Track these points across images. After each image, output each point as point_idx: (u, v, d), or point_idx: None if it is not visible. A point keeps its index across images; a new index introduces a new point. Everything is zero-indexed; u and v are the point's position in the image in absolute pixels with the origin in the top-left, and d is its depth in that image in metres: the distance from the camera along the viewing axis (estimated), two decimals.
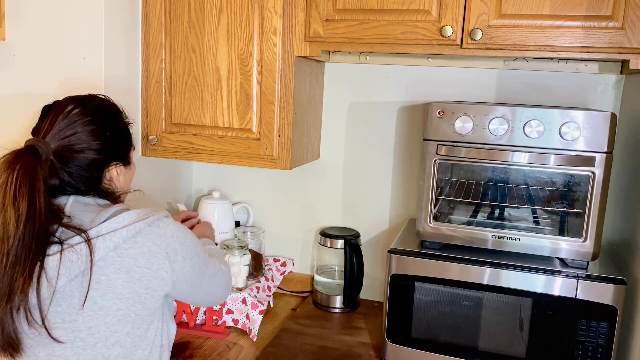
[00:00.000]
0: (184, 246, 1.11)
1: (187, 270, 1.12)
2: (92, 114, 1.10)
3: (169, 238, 1.09)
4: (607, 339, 1.30)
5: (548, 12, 1.34)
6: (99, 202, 1.12)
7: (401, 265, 1.44)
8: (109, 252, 1.01)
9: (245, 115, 1.61)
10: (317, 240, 1.90)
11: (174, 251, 1.09)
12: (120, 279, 1.02)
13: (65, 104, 1.10)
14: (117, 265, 1.02)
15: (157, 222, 1.08)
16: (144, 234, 1.06)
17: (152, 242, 1.06)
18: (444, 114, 1.40)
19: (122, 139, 1.19)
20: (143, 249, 1.05)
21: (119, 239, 1.02)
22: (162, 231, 1.08)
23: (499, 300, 1.37)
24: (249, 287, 1.73)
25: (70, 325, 1.01)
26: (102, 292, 1.02)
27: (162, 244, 1.07)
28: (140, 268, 1.04)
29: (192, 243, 1.14)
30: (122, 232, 1.03)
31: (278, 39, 1.54)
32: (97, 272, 1.01)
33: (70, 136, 1.07)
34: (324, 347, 1.56)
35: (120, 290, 1.03)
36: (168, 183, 1.94)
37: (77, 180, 1.09)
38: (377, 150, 1.87)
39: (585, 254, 1.35)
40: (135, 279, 1.04)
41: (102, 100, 1.17)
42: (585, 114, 1.30)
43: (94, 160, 1.10)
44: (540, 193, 1.45)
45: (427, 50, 1.47)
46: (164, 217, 1.11)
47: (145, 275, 1.05)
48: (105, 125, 1.12)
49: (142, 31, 1.67)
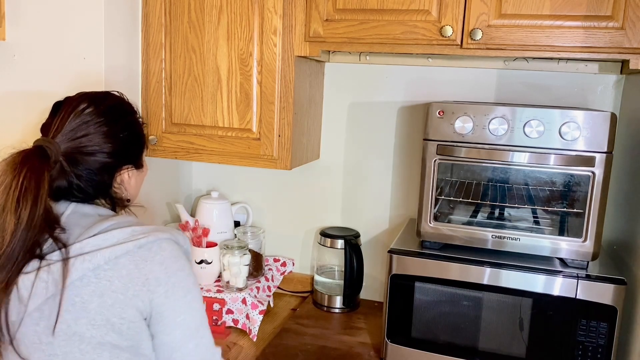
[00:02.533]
0: (172, 280, 0.98)
1: (169, 312, 0.97)
2: (105, 114, 1.04)
3: (156, 264, 0.97)
4: (607, 339, 1.29)
5: (548, 12, 1.34)
6: (100, 213, 1.05)
7: (401, 265, 1.44)
8: (87, 272, 0.94)
9: (245, 115, 1.61)
10: (317, 240, 1.90)
11: (156, 280, 0.96)
12: (93, 303, 0.94)
13: (77, 101, 1.04)
14: (93, 287, 0.94)
15: (149, 245, 0.98)
16: (129, 256, 0.96)
17: (134, 265, 0.96)
18: (444, 114, 1.40)
19: (136, 141, 1.12)
20: (122, 271, 0.95)
21: (100, 259, 0.94)
22: (152, 255, 0.97)
23: (499, 300, 1.37)
24: (249, 287, 1.73)
25: (47, 348, 0.94)
26: (76, 316, 0.94)
27: (145, 269, 0.96)
28: (115, 293, 0.94)
29: (186, 283, 1.00)
30: (104, 252, 0.94)
31: (278, 39, 1.54)
32: (72, 293, 0.93)
33: (81, 137, 1.01)
34: (324, 347, 1.56)
35: (93, 315, 0.94)
36: (167, 183, 1.94)
37: (86, 184, 1.02)
38: (377, 150, 1.87)
39: (585, 254, 1.35)
40: (108, 305, 0.94)
41: (117, 99, 1.11)
42: (585, 114, 1.30)
43: (106, 163, 1.04)
44: (540, 193, 1.45)
45: (427, 50, 1.47)
46: (163, 240, 1.00)
47: (119, 302, 0.94)
48: (118, 127, 1.06)
49: (142, 31, 1.67)
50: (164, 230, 1.02)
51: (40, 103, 1.53)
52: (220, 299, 1.66)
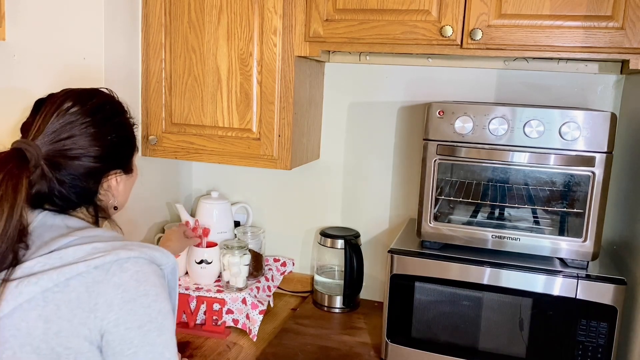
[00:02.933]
0: (128, 306, 0.85)
1: (117, 343, 0.85)
2: (92, 114, 0.94)
3: (110, 287, 0.85)
4: (607, 339, 1.29)
5: (548, 12, 1.34)
6: (69, 224, 0.94)
7: (401, 265, 1.44)
8: (36, 295, 0.83)
9: (245, 115, 1.61)
10: (317, 240, 1.90)
11: (107, 306, 0.84)
12: (38, 329, 0.83)
13: (62, 99, 0.93)
14: (39, 311, 0.83)
15: (107, 266, 0.86)
16: (81, 278, 0.84)
17: (84, 287, 0.84)
18: (444, 114, 1.40)
19: (125, 144, 1.03)
20: (71, 295, 0.84)
21: (48, 281, 0.83)
22: (107, 277, 0.85)
23: (499, 300, 1.36)
24: (249, 287, 1.73)
25: None
26: (21, 343, 0.83)
27: (95, 292, 0.84)
28: (61, 320, 0.83)
29: (147, 311, 0.87)
30: (52, 274, 0.83)
31: (278, 39, 1.54)
32: (19, 317, 0.83)
33: (65, 139, 0.91)
34: (324, 347, 1.56)
35: (38, 343, 0.83)
36: (167, 183, 1.94)
37: (70, 190, 0.93)
38: (377, 150, 1.87)
39: (585, 254, 1.35)
40: (53, 333, 0.83)
41: (105, 98, 1.00)
42: (585, 114, 1.30)
43: (92, 168, 0.94)
44: (540, 193, 1.45)
45: (427, 50, 1.47)
46: (126, 259, 0.87)
47: (64, 330, 0.83)
48: (106, 128, 0.96)
49: (142, 31, 1.66)
50: (133, 249, 0.89)
51: None
52: (220, 299, 1.66)
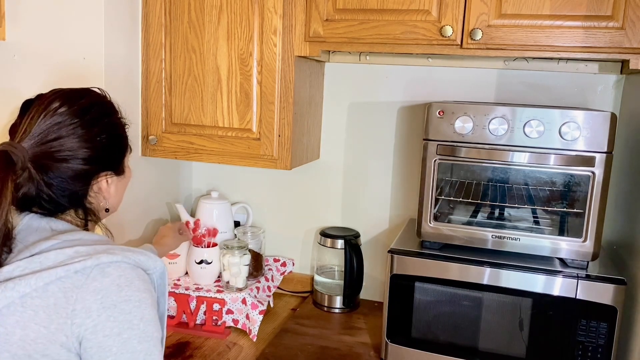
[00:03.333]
0: (107, 312, 0.83)
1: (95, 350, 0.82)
2: (80, 115, 0.92)
3: (90, 293, 0.82)
4: (607, 339, 1.29)
5: (548, 12, 1.34)
6: (54, 227, 0.92)
7: (401, 265, 1.44)
8: (14, 300, 0.82)
9: (245, 115, 1.61)
10: (317, 240, 1.90)
11: (86, 312, 0.82)
12: (15, 335, 0.82)
13: (50, 99, 0.91)
14: (18, 316, 0.82)
15: (87, 270, 0.84)
16: (60, 283, 0.82)
17: (62, 293, 0.82)
18: (444, 114, 1.40)
19: (116, 145, 1.00)
20: (49, 300, 0.82)
21: (26, 286, 0.81)
22: (87, 282, 0.83)
23: (499, 300, 1.36)
24: (249, 287, 1.73)
25: None
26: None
27: (73, 298, 0.82)
28: (38, 326, 0.81)
29: (128, 317, 0.84)
30: (30, 278, 0.81)
31: (278, 39, 1.54)
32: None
33: (52, 141, 0.88)
34: (324, 347, 1.56)
35: (15, 350, 0.82)
36: (167, 183, 1.93)
37: (58, 193, 0.91)
38: (377, 150, 1.87)
39: (585, 254, 1.35)
40: (30, 339, 0.81)
41: (95, 98, 0.98)
42: (585, 114, 1.30)
43: (81, 171, 0.92)
44: (540, 193, 1.45)
45: (427, 50, 1.47)
46: (108, 263, 0.85)
47: (41, 337, 0.81)
48: (96, 129, 0.93)
49: (142, 31, 1.66)
50: (115, 252, 0.87)
51: None
52: (220, 299, 1.66)
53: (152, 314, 0.88)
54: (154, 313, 0.89)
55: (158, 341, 0.89)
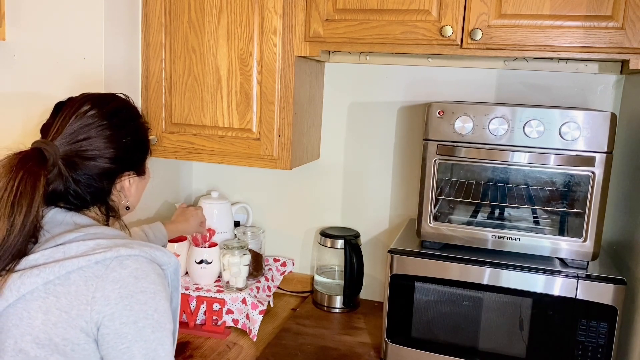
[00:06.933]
0: (125, 302, 0.89)
1: (111, 337, 0.88)
2: (108, 118, 1.00)
3: (109, 283, 0.89)
4: (607, 339, 1.30)
5: (548, 12, 1.34)
6: (77, 221, 0.98)
7: (401, 265, 1.44)
8: (38, 286, 0.88)
9: (245, 115, 1.61)
10: (317, 240, 1.90)
11: (104, 300, 0.88)
12: (38, 320, 0.87)
13: (80, 102, 1.00)
14: (40, 302, 0.88)
15: (107, 261, 0.90)
16: (82, 272, 0.89)
17: (83, 281, 0.88)
18: (444, 114, 1.40)
19: (139, 147, 1.09)
20: (71, 287, 0.88)
21: (49, 274, 0.88)
22: (107, 273, 0.89)
23: (499, 300, 1.37)
24: (249, 287, 1.73)
25: None
26: (22, 332, 0.88)
27: (93, 286, 0.88)
28: (59, 311, 0.87)
29: (143, 308, 0.90)
30: (54, 266, 0.88)
31: (278, 39, 1.54)
32: (22, 307, 0.88)
33: (82, 141, 0.96)
34: (324, 347, 1.56)
35: (37, 333, 0.87)
36: (167, 183, 1.94)
37: (84, 189, 0.98)
38: (377, 150, 1.87)
39: (585, 254, 1.35)
40: (52, 323, 0.87)
41: (122, 102, 1.07)
42: (585, 114, 1.30)
43: (106, 169, 1.00)
44: (540, 193, 1.45)
45: (427, 50, 1.47)
46: (126, 256, 0.91)
47: (62, 322, 0.87)
48: (122, 131, 1.02)
49: (142, 31, 1.66)
50: (134, 247, 0.93)
51: (40, 103, 1.53)
52: (220, 299, 1.66)
53: (166, 306, 0.94)
54: (167, 305, 0.95)
55: (170, 332, 0.94)
